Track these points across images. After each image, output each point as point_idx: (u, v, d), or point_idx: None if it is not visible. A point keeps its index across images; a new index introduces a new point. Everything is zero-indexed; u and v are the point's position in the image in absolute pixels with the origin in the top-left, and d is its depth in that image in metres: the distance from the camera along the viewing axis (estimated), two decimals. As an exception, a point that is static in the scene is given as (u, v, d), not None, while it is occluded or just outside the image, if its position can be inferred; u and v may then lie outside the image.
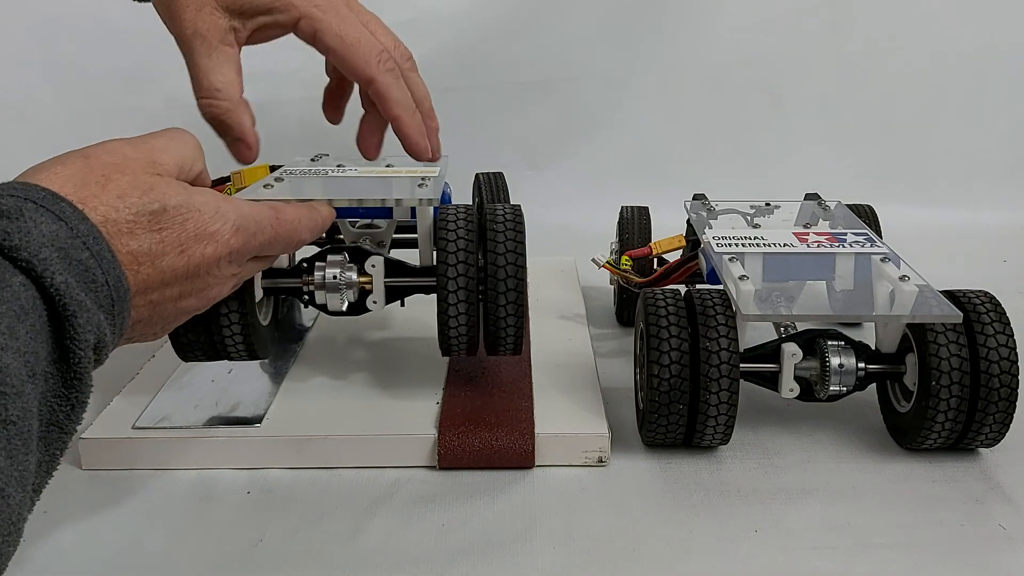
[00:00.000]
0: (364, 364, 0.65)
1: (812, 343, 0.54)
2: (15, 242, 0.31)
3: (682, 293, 0.54)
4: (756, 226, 0.65)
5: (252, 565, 0.46)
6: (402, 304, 0.58)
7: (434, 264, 0.53)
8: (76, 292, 0.32)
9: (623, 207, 0.77)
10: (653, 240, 0.71)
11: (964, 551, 0.47)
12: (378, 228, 0.67)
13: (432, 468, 0.54)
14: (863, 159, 1.12)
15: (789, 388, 0.53)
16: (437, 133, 0.54)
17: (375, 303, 0.56)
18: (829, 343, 0.54)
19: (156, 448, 0.54)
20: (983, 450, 0.55)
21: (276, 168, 0.64)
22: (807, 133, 1.12)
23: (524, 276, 0.54)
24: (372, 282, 0.56)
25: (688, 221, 0.71)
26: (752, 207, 0.69)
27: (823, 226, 0.65)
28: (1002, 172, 1.11)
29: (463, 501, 0.51)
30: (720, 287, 0.55)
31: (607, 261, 0.70)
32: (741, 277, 0.52)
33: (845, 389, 0.54)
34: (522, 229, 0.55)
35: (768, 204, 0.70)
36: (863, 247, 0.59)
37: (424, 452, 0.54)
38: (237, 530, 0.49)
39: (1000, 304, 0.53)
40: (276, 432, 0.55)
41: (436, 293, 0.53)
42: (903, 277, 0.52)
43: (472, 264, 0.53)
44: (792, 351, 0.53)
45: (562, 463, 0.54)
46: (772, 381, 0.54)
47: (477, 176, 0.83)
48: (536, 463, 0.54)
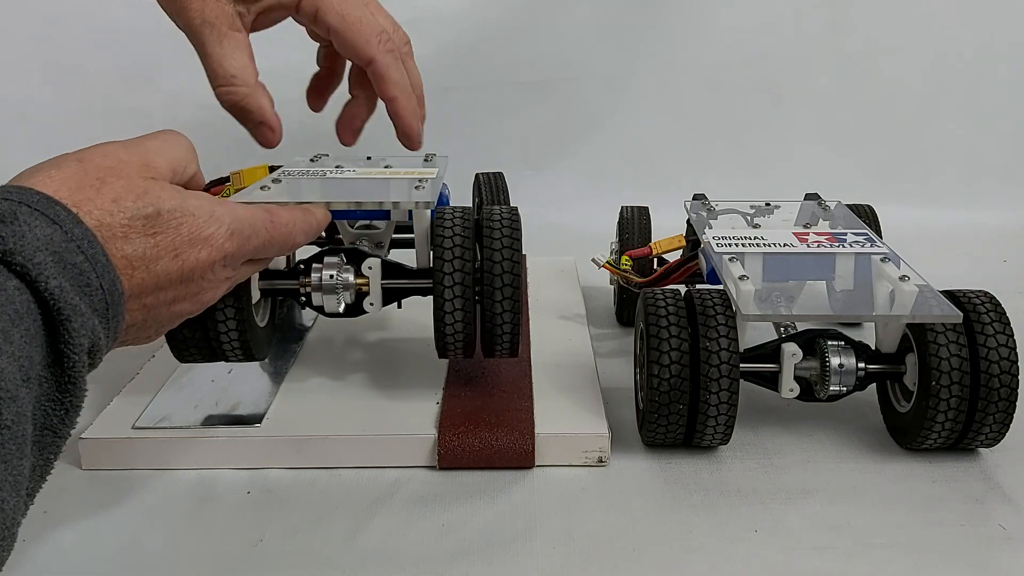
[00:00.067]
0: (364, 364, 0.65)
1: (812, 343, 0.54)
2: (10, 246, 0.31)
3: (682, 293, 0.54)
4: (756, 226, 0.65)
5: (252, 565, 0.46)
6: (399, 306, 0.58)
7: (431, 266, 0.53)
8: (71, 296, 0.32)
9: (623, 207, 0.77)
10: (653, 240, 0.71)
11: (964, 551, 0.47)
12: (377, 229, 0.67)
13: (432, 468, 0.54)
14: (863, 159, 1.12)
15: (789, 388, 0.53)
16: (423, 123, 0.54)
17: (372, 305, 0.56)
18: (829, 343, 0.54)
19: (156, 448, 0.54)
20: (983, 450, 0.55)
21: (275, 168, 0.64)
22: (807, 133, 1.12)
23: (521, 279, 0.54)
24: (369, 284, 0.56)
25: (688, 221, 0.71)
26: (752, 207, 0.69)
27: (823, 226, 0.65)
28: (1002, 172, 1.11)
29: (463, 501, 0.51)
30: (720, 287, 0.55)
31: (607, 261, 0.70)
32: (741, 277, 0.52)
33: (845, 389, 0.54)
34: (519, 231, 0.55)
35: (768, 204, 0.70)
36: (863, 247, 0.59)
37: (424, 452, 0.54)
38: (237, 530, 0.49)
39: (1000, 304, 0.53)
40: (276, 432, 0.55)
41: (432, 295, 0.53)
42: (903, 277, 0.52)
43: (468, 267, 0.53)
44: (792, 351, 0.53)
45: (562, 463, 0.54)
46: (772, 381, 0.54)
47: (477, 176, 0.83)
48: (536, 463, 0.54)
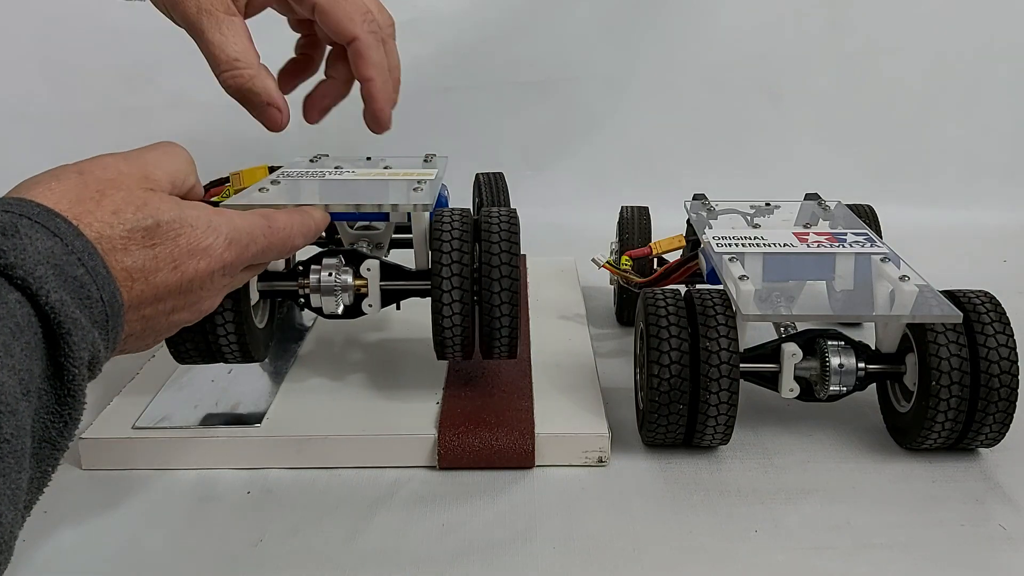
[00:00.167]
0: (364, 364, 0.65)
1: (812, 343, 0.54)
2: (11, 260, 0.31)
3: (682, 293, 0.54)
4: (756, 226, 0.65)
5: (252, 565, 0.46)
6: (398, 307, 0.58)
7: (430, 268, 0.53)
8: (71, 310, 0.32)
9: (623, 207, 0.77)
10: (653, 240, 0.71)
11: (964, 551, 0.47)
12: (376, 230, 0.67)
13: (432, 468, 0.54)
14: (863, 159, 1.12)
15: (789, 388, 0.53)
16: (393, 108, 0.53)
17: (371, 307, 0.56)
18: (829, 343, 0.54)
19: (156, 448, 0.54)
20: (983, 450, 0.55)
21: (275, 169, 0.64)
22: (807, 133, 1.12)
23: (519, 281, 0.54)
24: (368, 285, 0.56)
25: (688, 221, 0.71)
26: (752, 207, 0.69)
27: (823, 226, 0.65)
28: (1002, 172, 1.11)
29: (463, 501, 0.51)
30: (720, 287, 0.55)
31: (607, 261, 0.70)
32: (741, 277, 0.52)
33: (845, 389, 0.54)
34: (517, 233, 0.55)
35: (768, 204, 0.70)
36: (863, 247, 0.59)
37: (424, 452, 0.54)
38: (237, 530, 0.49)
39: (1000, 304, 0.53)
40: (276, 432, 0.55)
41: (431, 297, 0.53)
42: (903, 277, 0.52)
43: (467, 268, 0.53)
44: (792, 351, 0.53)
45: (562, 463, 0.54)
46: (772, 381, 0.54)
47: (477, 176, 0.83)
48: (536, 463, 0.54)
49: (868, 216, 0.73)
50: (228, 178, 0.67)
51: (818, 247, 0.59)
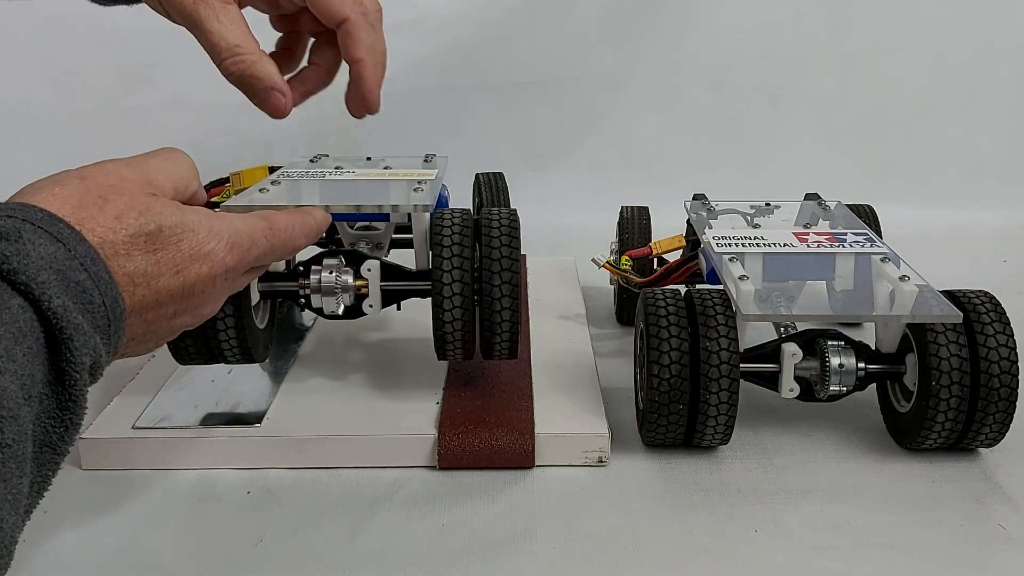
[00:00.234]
0: (364, 364, 0.65)
1: (812, 343, 0.54)
2: (14, 265, 0.31)
3: (682, 293, 0.54)
4: (756, 226, 0.65)
5: (252, 565, 0.46)
6: (398, 308, 0.58)
7: (430, 268, 0.53)
8: (73, 315, 0.32)
9: (623, 207, 0.77)
10: (653, 240, 0.71)
11: (964, 551, 0.47)
12: (376, 230, 0.67)
13: (432, 468, 0.54)
14: (863, 159, 1.12)
15: (789, 388, 0.53)
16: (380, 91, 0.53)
17: (371, 307, 0.56)
18: (829, 343, 0.54)
19: (156, 448, 0.54)
20: (983, 450, 0.55)
21: (275, 169, 0.64)
22: (807, 133, 1.12)
23: (520, 281, 0.54)
24: (368, 286, 0.56)
25: (688, 221, 0.71)
26: (752, 207, 0.69)
27: (823, 226, 0.65)
28: (1002, 172, 1.11)
29: (463, 501, 0.51)
30: (720, 287, 0.55)
31: (607, 261, 0.70)
32: (741, 277, 0.52)
33: (845, 389, 0.54)
34: (517, 233, 0.55)
35: (768, 204, 0.70)
36: (863, 247, 0.59)
37: (424, 452, 0.54)
38: (237, 530, 0.49)
39: (1000, 304, 0.53)
40: (276, 432, 0.55)
41: (431, 297, 0.53)
42: (903, 277, 0.52)
43: (467, 269, 0.53)
44: (792, 351, 0.53)
45: (562, 463, 0.54)
46: (772, 381, 0.54)
47: (477, 176, 0.83)
48: (536, 463, 0.54)
49: (868, 216, 0.73)
50: (228, 178, 0.67)
51: (818, 247, 0.59)
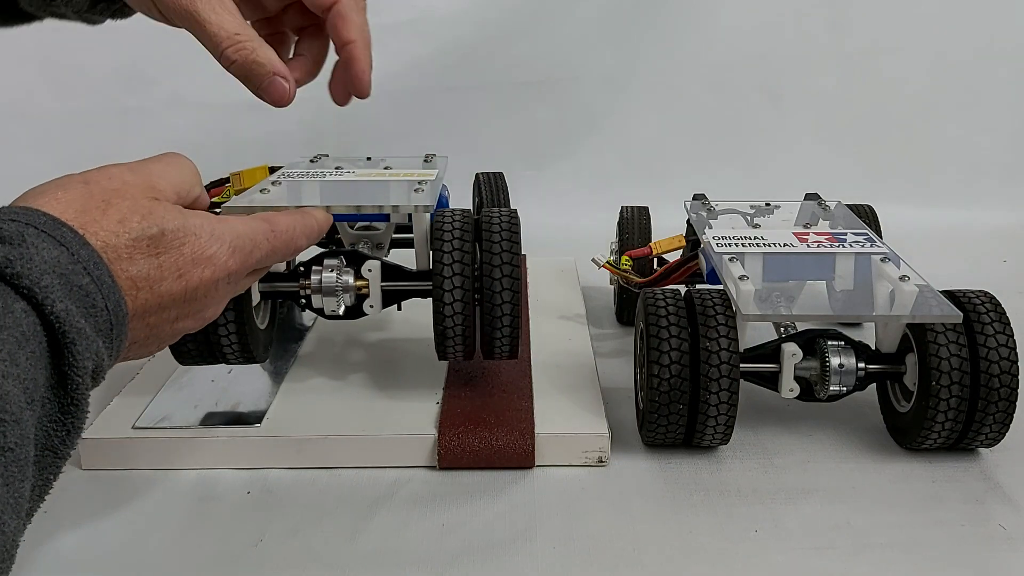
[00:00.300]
0: (364, 364, 0.65)
1: (812, 343, 0.54)
2: (17, 269, 0.31)
3: (682, 293, 0.54)
4: (756, 226, 0.65)
5: (252, 565, 0.46)
6: (399, 308, 0.58)
7: (431, 268, 0.53)
8: (76, 319, 0.32)
9: (623, 207, 0.77)
10: (653, 240, 0.71)
11: (964, 551, 0.47)
12: (377, 230, 0.67)
13: (432, 468, 0.54)
14: (863, 159, 1.12)
15: (789, 388, 0.53)
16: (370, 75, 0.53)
17: (372, 307, 0.56)
18: (829, 343, 0.54)
19: (156, 448, 0.54)
20: (983, 450, 0.55)
21: (275, 169, 0.63)
22: (807, 133, 1.12)
23: (520, 281, 0.54)
24: (369, 286, 0.56)
25: (688, 221, 0.71)
26: (752, 207, 0.69)
27: (823, 226, 0.65)
28: (1002, 172, 1.11)
29: (463, 501, 0.51)
30: (720, 287, 0.55)
31: (607, 261, 0.70)
32: (741, 277, 0.52)
33: (845, 389, 0.54)
34: (518, 234, 0.55)
35: (768, 204, 0.70)
36: (863, 247, 0.59)
37: (424, 452, 0.54)
38: (237, 530, 0.49)
39: (1000, 304, 0.53)
40: (276, 432, 0.55)
41: (432, 297, 0.53)
42: (903, 277, 0.52)
43: (468, 269, 0.53)
44: (792, 351, 0.53)
45: (562, 463, 0.54)
46: (772, 381, 0.54)
47: (477, 176, 0.83)
48: (536, 463, 0.54)
49: (868, 216, 0.73)
50: (228, 178, 0.66)
51: (818, 247, 0.59)
